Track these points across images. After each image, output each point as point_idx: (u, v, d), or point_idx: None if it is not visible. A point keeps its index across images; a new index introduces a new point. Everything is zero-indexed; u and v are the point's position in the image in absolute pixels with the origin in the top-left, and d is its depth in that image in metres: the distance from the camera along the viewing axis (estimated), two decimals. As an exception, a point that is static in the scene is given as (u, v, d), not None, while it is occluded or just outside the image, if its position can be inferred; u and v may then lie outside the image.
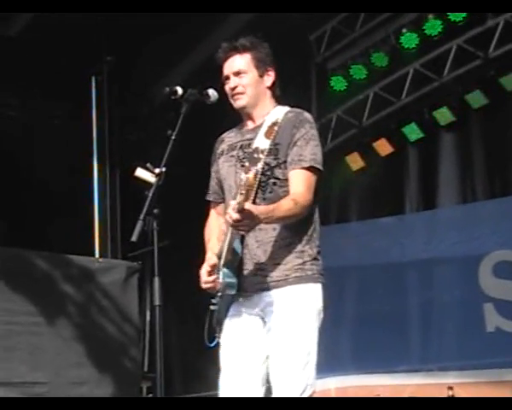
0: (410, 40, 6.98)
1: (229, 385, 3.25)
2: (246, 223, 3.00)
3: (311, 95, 7.64)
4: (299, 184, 3.21)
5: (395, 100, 7.35)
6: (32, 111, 7.03)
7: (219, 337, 3.26)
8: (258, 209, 3.06)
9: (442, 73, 7.08)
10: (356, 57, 7.34)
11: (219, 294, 3.24)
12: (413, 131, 7.30)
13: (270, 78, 3.36)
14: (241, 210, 2.95)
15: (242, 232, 3.12)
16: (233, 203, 3.00)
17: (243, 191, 3.00)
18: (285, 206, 3.15)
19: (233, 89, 3.32)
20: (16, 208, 6.74)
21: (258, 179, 3.15)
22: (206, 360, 3.46)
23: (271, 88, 3.37)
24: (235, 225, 3.02)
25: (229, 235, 3.20)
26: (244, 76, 3.32)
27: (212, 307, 3.25)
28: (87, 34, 6.79)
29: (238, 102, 3.33)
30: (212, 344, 3.25)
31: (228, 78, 3.34)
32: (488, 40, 6.75)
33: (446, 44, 6.99)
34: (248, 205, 2.99)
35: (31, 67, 6.75)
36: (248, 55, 3.33)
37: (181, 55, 7.19)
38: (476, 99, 6.92)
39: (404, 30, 6.98)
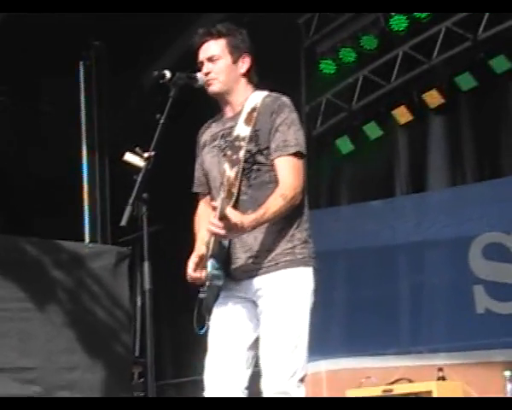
0: (399, 23, 6.98)
1: (214, 366, 3.26)
2: (228, 230, 3.01)
3: (301, 79, 7.63)
4: (288, 173, 3.20)
5: (385, 83, 7.35)
6: (19, 97, 6.98)
7: (207, 324, 3.26)
8: (247, 219, 3.05)
9: (431, 55, 7.07)
10: (345, 40, 7.32)
11: (207, 284, 3.24)
12: (403, 115, 7.29)
13: (244, 64, 3.33)
14: (222, 216, 2.96)
15: (224, 238, 3.12)
16: (216, 204, 3.00)
17: (225, 190, 3.01)
18: (275, 206, 3.14)
19: (206, 74, 3.30)
20: (5, 195, 6.71)
21: (239, 177, 3.13)
22: (196, 345, 3.45)
23: (246, 75, 3.34)
24: (221, 234, 3.03)
25: None
26: (217, 62, 3.30)
27: (201, 295, 3.25)
28: (75, 19, 6.74)
29: (210, 88, 3.32)
30: (202, 331, 3.25)
31: (202, 63, 3.33)
32: (477, 22, 6.75)
33: (435, 27, 6.98)
34: (231, 212, 2.99)
35: (17, 53, 6.71)
36: (223, 40, 3.31)
37: (170, 39, 7.15)
38: (465, 81, 6.91)
39: (393, 13, 6.97)
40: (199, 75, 3.31)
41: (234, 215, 3.02)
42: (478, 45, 6.83)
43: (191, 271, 3.26)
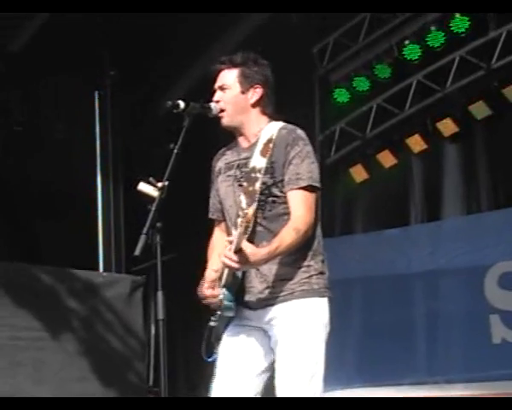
0: (412, 52, 6.99)
1: (220, 392, 3.24)
2: (241, 263, 3.02)
3: (315, 107, 7.65)
4: (299, 207, 3.20)
5: (398, 111, 7.35)
6: (36, 125, 7.04)
7: (216, 352, 3.25)
8: (261, 254, 3.06)
9: (445, 84, 7.08)
10: (359, 69, 7.35)
11: (219, 313, 3.23)
12: (417, 143, 7.29)
13: (255, 95, 3.31)
14: (237, 250, 2.98)
15: (236, 270, 3.12)
16: (231, 239, 3.01)
17: (243, 226, 2.99)
18: (288, 240, 3.14)
19: (216, 102, 3.32)
20: (21, 223, 6.75)
21: (255, 215, 3.12)
22: (210, 374, 3.44)
23: (257, 105, 3.32)
24: (229, 265, 3.04)
25: None
26: (226, 91, 3.31)
27: (211, 324, 3.24)
28: (90, 48, 6.82)
29: (221, 122, 3.33)
30: (210, 359, 3.24)
31: (215, 91, 3.35)
32: (491, 51, 6.76)
33: (449, 56, 7.00)
34: (247, 247, 3.01)
35: (35, 82, 6.78)
36: (236, 70, 3.32)
37: (183, 68, 7.21)
38: (480, 110, 6.91)
39: (406, 41, 7.00)
40: (213, 105, 3.32)
41: (249, 249, 3.03)
42: (491, 74, 6.83)
43: (206, 290, 3.23)
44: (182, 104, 3.25)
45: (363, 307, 7.30)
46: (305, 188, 3.22)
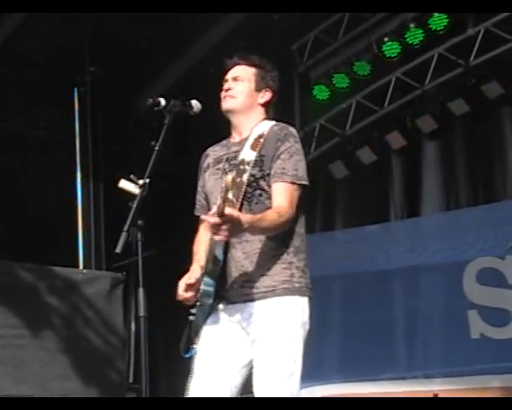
0: (391, 49, 7.03)
1: (198, 389, 3.24)
2: (226, 228, 2.98)
3: (294, 104, 7.66)
4: (282, 199, 3.22)
5: (378, 108, 7.39)
6: (13, 122, 6.99)
7: (195, 347, 3.24)
8: (245, 217, 3.06)
9: (424, 81, 7.12)
10: (338, 66, 7.37)
11: (198, 303, 3.24)
12: (396, 140, 7.33)
13: (265, 97, 3.41)
14: (220, 214, 2.94)
15: (222, 238, 3.08)
16: (213, 209, 3.00)
17: (222, 194, 2.97)
18: (270, 217, 3.15)
19: (226, 90, 3.36)
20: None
21: (235, 181, 3.11)
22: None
23: (263, 106, 3.41)
24: (215, 229, 3.00)
25: (210, 242, 3.19)
26: (240, 83, 3.38)
27: (190, 318, 3.25)
28: (70, 45, 6.78)
29: (226, 104, 3.37)
30: (188, 355, 3.24)
31: (226, 81, 3.40)
32: (469, 48, 6.80)
33: (428, 53, 7.04)
34: (229, 210, 2.96)
35: (12, 78, 6.73)
36: (254, 69, 3.42)
37: (164, 65, 7.19)
38: (458, 107, 6.96)
39: (385, 39, 7.03)
40: (194, 102, 3.33)
41: (232, 211, 2.99)
42: (470, 71, 6.88)
43: (182, 291, 3.24)
44: (163, 102, 3.26)
45: (343, 303, 7.34)
46: (289, 183, 3.24)
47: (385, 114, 7.38)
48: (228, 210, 2.95)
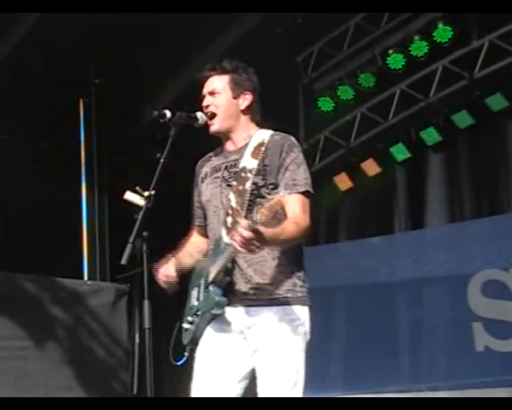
0: (396, 61, 7.04)
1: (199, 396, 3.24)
2: (255, 243, 2.98)
3: (299, 116, 7.67)
4: (297, 208, 3.22)
5: (382, 120, 7.39)
6: (20, 134, 7.01)
7: (188, 354, 3.24)
8: (267, 232, 3.04)
9: (428, 93, 7.13)
10: (343, 78, 7.38)
11: (200, 311, 3.24)
12: (400, 152, 7.34)
13: (245, 101, 3.36)
14: (253, 229, 2.94)
15: (246, 251, 3.04)
16: (244, 223, 2.97)
17: (264, 211, 2.93)
18: (289, 229, 3.15)
19: (206, 107, 3.35)
20: (3, 232, 6.71)
21: (238, 189, 3.13)
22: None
23: (246, 111, 3.36)
24: (245, 243, 2.97)
25: (226, 254, 3.16)
26: (217, 96, 3.35)
27: (184, 326, 3.25)
28: (75, 57, 6.81)
29: (211, 128, 3.36)
30: (179, 363, 3.24)
31: (204, 97, 3.38)
32: (473, 61, 6.81)
33: (432, 65, 7.05)
34: (262, 228, 2.96)
35: (19, 90, 6.76)
36: (226, 76, 3.36)
37: (170, 76, 7.21)
38: (462, 119, 6.97)
39: (390, 51, 7.05)
40: (199, 114, 3.34)
41: (262, 228, 2.96)
42: (474, 84, 6.89)
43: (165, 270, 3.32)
44: (168, 114, 3.27)
45: (346, 314, 7.32)
46: (301, 193, 3.26)
47: (389, 126, 7.39)
48: (261, 228, 2.95)
